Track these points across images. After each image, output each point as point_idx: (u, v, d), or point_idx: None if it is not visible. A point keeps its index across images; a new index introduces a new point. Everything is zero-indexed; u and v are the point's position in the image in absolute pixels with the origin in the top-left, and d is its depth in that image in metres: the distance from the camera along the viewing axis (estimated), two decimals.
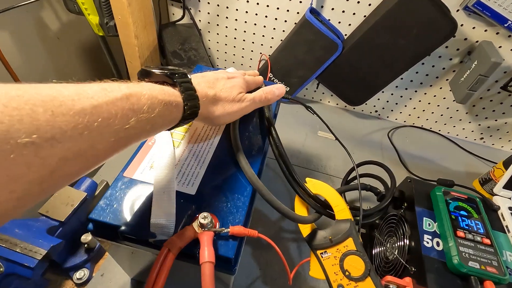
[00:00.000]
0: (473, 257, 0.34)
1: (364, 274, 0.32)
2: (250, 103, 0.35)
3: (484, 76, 0.56)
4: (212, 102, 0.31)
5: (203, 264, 0.25)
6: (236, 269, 0.29)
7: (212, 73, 0.35)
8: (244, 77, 0.37)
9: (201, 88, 0.30)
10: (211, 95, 0.31)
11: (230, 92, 0.33)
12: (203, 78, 0.33)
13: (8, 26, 0.66)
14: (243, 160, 0.34)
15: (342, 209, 0.36)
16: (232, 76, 0.36)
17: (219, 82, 0.33)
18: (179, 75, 0.28)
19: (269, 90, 0.38)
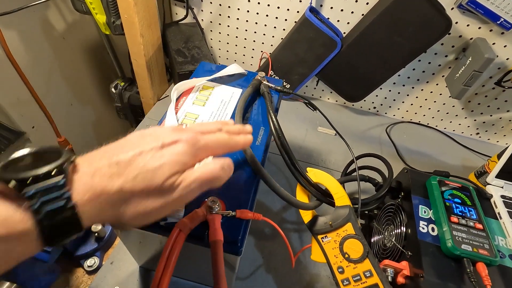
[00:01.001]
0: (466, 241, 0.36)
1: (363, 256, 0.34)
2: (188, 191, 0.23)
3: (478, 72, 0.58)
4: (117, 200, 0.20)
5: (212, 242, 0.26)
6: (242, 251, 0.31)
7: (130, 139, 0.23)
8: (197, 138, 0.24)
9: (95, 182, 0.20)
10: (114, 190, 0.20)
11: (151, 178, 0.21)
12: (106, 153, 0.21)
13: (16, 25, 0.68)
14: (248, 149, 0.36)
15: (341, 196, 0.37)
16: (172, 139, 0.23)
17: (138, 159, 0.21)
18: (42, 176, 0.18)
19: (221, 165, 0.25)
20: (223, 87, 0.46)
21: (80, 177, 0.20)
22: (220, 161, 0.25)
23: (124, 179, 0.21)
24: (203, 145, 0.24)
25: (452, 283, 0.34)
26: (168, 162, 0.22)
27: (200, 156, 0.25)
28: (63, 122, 0.87)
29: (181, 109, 0.41)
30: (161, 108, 0.73)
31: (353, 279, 0.34)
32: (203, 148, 0.24)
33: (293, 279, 0.47)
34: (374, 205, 0.45)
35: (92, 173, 0.20)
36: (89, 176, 0.20)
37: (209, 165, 0.24)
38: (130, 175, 0.21)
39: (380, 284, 0.32)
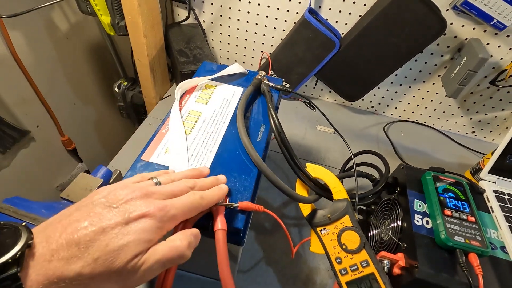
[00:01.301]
0: (458, 233, 0.38)
1: (360, 247, 0.35)
2: (149, 272, 0.22)
3: (473, 71, 0.60)
4: (75, 285, 0.19)
5: (217, 231, 0.28)
6: (244, 241, 0.33)
7: (95, 206, 0.22)
8: (166, 208, 0.23)
9: (51, 267, 0.19)
10: (72, 275, 0.19)
11: (113, 261, 0.20)
12: (65, 229, 0.20)
13: (21, 26, 0.70)
14: (249, 145, 0.37)
15: (339, 190, 0.39)
16: (139, 212, 0.22)
17: (100, 239, 0.20)
18: None
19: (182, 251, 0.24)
20: (225, 86, 0.48)
21: (36, 263, 0.18)
22: (187, 237, 0.24)
23: (83, 263, 0.19)
24: (171, 216, 0.23)
25: (445, 273, 0.36)
26: (133, 242, 0.21)
27: (168, 227, 0.24)
28: (66, 121, 0.89)
29: (184, 106, 0.43)
30: (163, 107, 0.75)
31: (350, 269, 0.35)
32: (171, 219, 0.23)
33: (292, 271, 0.49)
34: (371, 199, 0.46)
35: (49, 256, 0.19)
36: (46, 260, 0.19)
37: (175, 243, 0.23)
38: (89, 258, 0.19)
39: (376, 273, 0.34)
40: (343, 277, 0.35)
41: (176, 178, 0.28)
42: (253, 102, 0.46)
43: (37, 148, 0.83)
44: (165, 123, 0.40)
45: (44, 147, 0.85)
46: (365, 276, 0.34)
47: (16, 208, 0.37)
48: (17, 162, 0.78)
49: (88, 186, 0.44)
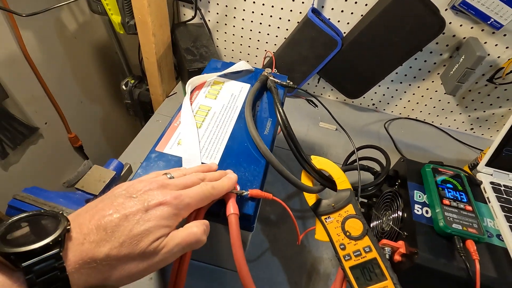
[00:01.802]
0: (456, 220, 0.39)
1: (363, 233, 0.37)
2: (170, 255, 0.24)
3: (471, 69, 0.62)
4: (104, 265, 0.21)
5: (230, 215, 0.30)
6: (253, 227, 0.35)
7: (118, 197, 0.24)
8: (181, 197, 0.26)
9: (84, 249, 0.21)
10: (102, 256, 0.21)
11: (137, 244, 0.22)
12: (93, 217, 0.22)
13: (32, 25, 0.72)
14: (258, 137, 0.39)
15: (343, 180, 0.41)
16: (157, 200, 0.24)
17: (124, 224, 0.22)
18: (37, 250, 0.19)
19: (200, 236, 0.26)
20: (232, 82, 0.50)
21: (72, 246, 0.21)
22: (202, 225, 0.27)
23: (110, 245, 0.21)
24: (186, 204, 0.26)
25: (443, 258, 0.38)
26: (154, 227, 0.23)
27: (183, 214, 0.26)
28: (73, 119, 0.91)
29: (194, 101, 0.45)
30: (169, 104, 0.77)
31: (353, 254, 0.37)
32: (186, 206, 0.26)
33: (297, 261, 0.51)
34: (372, 190, 0.48)
35: (82, 240, 0.21)
36: (80, 243, 0.21)
37: (192, 229, 0.26)
38: (116, 242, 0.22)
39: (378, 258, 0.36)
40: (347, 262, 0.37)
41: (188, 173, 0.31)
42: (259, 98, 0.48)
43: (45, 145, 0.85)
44: (176, 116, 0.42)
45: (51, 144, 0.87)
46: (368, 261, 0.36)
47: (36, 197, 0.39)
48: (26, 158, 0.80)
49: (102, 178, 0.46)
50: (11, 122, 0.71)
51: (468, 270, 0.36)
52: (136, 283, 0.44)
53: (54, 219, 0.21)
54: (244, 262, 0.28)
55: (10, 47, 0.68)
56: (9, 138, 0.72)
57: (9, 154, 0.73)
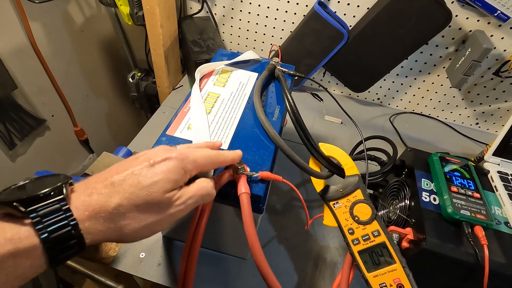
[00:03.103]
0: (464, 207, 0.40)
1: (371, 218, 0.37)
2: (184, 206, 0.25)
3: (477, 62, 0.62)
4: (116, 216, 0.22)
5: (241, 194, 0.30)
6: (263, 209, 0.35)
7: (123, 162, 0.25)
8: (186, 153, 0.26)
9: (93, 200, 0.21)
10: (112, 206, 0.22)
11: (148, 195, 0.23)
12: (100, 177, 0.23)
13: (41, 18, 0.72)
14: (267, 122, 0.39)
15: (351, 166, 0.41)
16: (162, 157, 0.25)
17: (132, 178, 0.23)
18: (41, 196, 0.20)
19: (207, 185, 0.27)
20: (240, 71, 0.50)
21: (78, 196, 0.21)
22: (211, 182, 0.28)
23: (120, 196, 0.22)
24: (192, 160, 0.26)
25: (451, 244, 0.38)
26: (161, 180, 0.23)
27: (191, 171, 0.26)
28: (80, 112, 0.92)
29: (203, 89, 0.45)
30: (176, 96, 0.77)
31: (362, 239, 0.37)
32: (192, 163, 0.26)
33: (303, 249, 0.51)
34: (380, 178, 0.48)
35: (89, 193, 0.22)
36: (87, 195, 0.21)
37: (203, 183, 0.27)
38: (126, 193, 0.22)
39: (387, 241, 0.36)
40: (355, 246, 0.37)
41: (192, 146, 0.31)
42: (267, 86, 0.49)
43: (51, 137, 0.85)
44: (186, 102, 0.42)
45: (58, 137, 0.88)
46: (377, 245, 0.36)
47: None
48: (33, 150, 0.80)
49: (111, 164, 0.46)
50: (19, 113, 0.72)
51: (476, 255, 0.37)
52: (144, 268, 0.45)
53: (55, 177, 0.22)
54: (256, 238, 0.28)
55: (19, 37, 0.68)
56: (17, 129, 0.73)
57: (17, 145, 0.74)
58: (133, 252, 0.46)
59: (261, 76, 0.47)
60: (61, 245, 0.20)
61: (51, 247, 0.19)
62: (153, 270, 0.45)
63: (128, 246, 0.47)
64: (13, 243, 0.18)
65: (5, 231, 0.19)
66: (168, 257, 0.47)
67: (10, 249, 0.18)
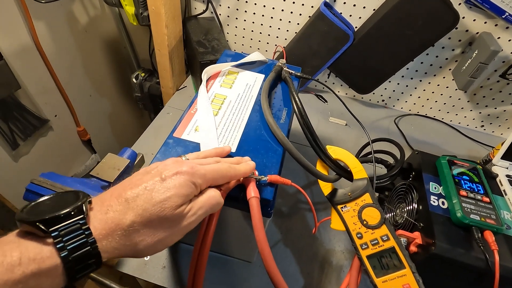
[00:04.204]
0: (474, 211, 0.39)
1: (380, 222, 0.37)
2: (195, 218, 0.25)
3: (484, 64, 0.61)
4: (131, 233, 0.22)
5: (250, 199, 0.30)
6: (272, 213, 0.34)
7: (136, 176, 0.25)
8: (196, 168, 0.26)
9: (109, 218, 0.22)
10: (128, 224, 0.22)
11: (161, 210, 0.23)
12: (114, 192, 0.24)
13: (45, 17, 0.72)
14: (275, 125, 0.39)
15: (359, 170, 0.41)
16: (173, 171, 0.25)
17: (145, 194, 0.23)
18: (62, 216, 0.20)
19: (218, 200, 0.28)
20: (247, 73, 0.50)
21: (95, 215, 0.22)
22: (217, 191, 0.28)
23: (134, 213, 0.22)
24: (202, 175, 0.26)
25: (461, 248, 0.37)
26: (174, 195, 0.24)
27: (201, 185, 0.26)
28: (82, 112, 0.91)
29: (210, 90, 0.45)
30: (180, 97, 0.77)
31: (371, 243, 0.37)
32: (202, 177, 0.26)
33: (309, 253, 0.50)
34: (387, 182, 0.48)
35: (105, 210, 0.22)
36: (103, 213, 0.22)
37: (210, 193, 0.27)
38: (139, 209, 0.22)
39: (397, 247, 0.35)
40: (364, 251, 0.37)
41: (201, 155, 0.31)
42: (274, 88, 0.48)
43: (54, 137, 0.85)
44: (193, 104, 0.42)
45: (61, 137, 0.87)
46: (386, 250, 0.36)
47: (53, 181, 0.39)
48: (36, 150, 0.80)
49: (116, 166, 0.46)
50: (22, 113, 0.72)
51: (486, 260, 0.36)
52: (149, 271, 0.44)
53: (74, 194, 0.23)
54: (266, 243, 0.28)
55: (23, 37, 0.68)
56: (20, 129, 0.72)
57: (20, 145, 0.74)
58: None
59: (268, 77, 0.47)
60: (80, 264, 0.20)
61: (71, 266, 0.20)
62: (158, 273, 0.45)
63: None
64: (36, 263, 0.19)
65: (28, 251, 0.19)
66: (173, 260, 0.46)
67: (33, 269, 0.18)
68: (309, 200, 0.37)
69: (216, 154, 0.32)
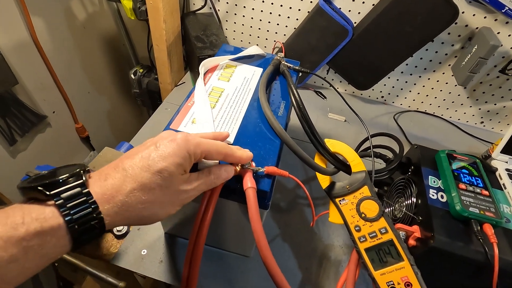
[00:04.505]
0: (473, 204, 0.39)
1: (378, 215, 0.37)
2: (195, 191, 0.27)
3: (484, 59, 0.61)
4: (133, 200, 0.23)
5: (247, 189, 0.29)
6: (269, 204, 0.34)
7: (132, 149, 0.26)
8: (190, 135, 0.26)
9: (108, 184, 0.22)
10: (128, 190, 0.22)
11: (159, 177, 0.24)
12: (111, 164, 0.24)
13: (42, 13, 0.72)
14: (272, 117, 0.39)
15: (357, 163, 0.40)
16: (167, 139, 0.25)
17: (142, 162, 0.23)
18: (61, 181, 0.21)
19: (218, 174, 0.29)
20: (245, 66, 0.49)
21: (94, 181, 0.22)
22: (222, 166, 0.29)
23: (133, 180, 0.23)
24: (197, 143, 0.26)
25: (460, 241, 0.37)
26: (170, 164, 0.24)
27: (195, 154, 0.26)
28: (81, 109, 0.91)
29: (207, 83, 0.44)
30: (178, 93, 0.77)
31: (369, 236, 0.36)
32: (196, 145, 0.26)
33: (308, 248, 0.50)
34: (386, 175, 0.48)
35: (104, 178, 0.23)
36: (102, 180, 0.23)
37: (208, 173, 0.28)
38: (138, 177, 0.23)
39: (395, 239, 0.35)
40: (362, 244, 0.37)
41: (198, 136, 0.31)
42: (272, 81, 0.48)
43: (52, 134, 0.85)
44: (190, 97, 0.42)
45: (59, 133, 0.87)
46: (384, 243, 0.36)
47: None
48: (33, 146, 0.80)
49: (113, 159, 0.45)
50: (20, 109, 0.71)
51: (486, 253, 0.36)
52: (146, 265, 0.44)
53: (71, 166, 0.23)
54: (263, 234, 0.27)
55: (21, 33, 0.68)
56: (17, 125, 0.72)
57: (18, 141, 0.74)
58: (134, 249, 0.46)
59: (266, 71, 0.46)
60: (84, 226, 0.21)
61: (74, 227, 0.20)
62: (155, 267, 0.44)
63: (130, 243, 0.46)
64: (39, 222, 0.19)
65: (30, 212, 0.20)
66: (170, 254, 0.46)
67: (36, 227, 0.19)
68: (307, 193, 0.37)
69: (214, 138, 0.32)
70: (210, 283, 0.44)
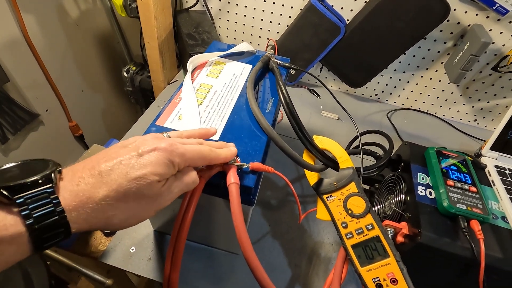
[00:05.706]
0: (461, 201, 0.39)
1: (365, 211, 0.37)
2: (171, 196, 0.25)
3: (475, 56, 0.61)
4: (104, 207, 0.21)
5: (230, 185, 0.29)
6: (254, 201, 0.34)
7: (111, 149, 0.24)
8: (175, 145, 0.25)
9: (80, 190, 0.21)
10: (100, 197, 0.21)
11: (137, 185, 0.22)
12: (87, 164, 0.23)
13: (34, 10, 0.71)
14: (259, 114, 0.39)
15: (345, 159, 0.40)
16: (151, 147, 0.24)
17: (120, 168, 0.22)
18: (29, 183, 0.20)
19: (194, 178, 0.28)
20: (234, 63, 0.49)
21: (65, 185, 0.21)
22: (194, 170, 0.28)
23: (108, 187, 0.21)
24: (181, 154, 0.25)
25: (447, 238, 0.37)
26: (149, 172, 0.23)
27: (179, 164, 0.25)
28: (74, 107, 0.90)
29: (196, 80, 0.44)
30: (171, 91, 0.76)
31: (356, 232, 0.36)
32: (180, 156, 0.25)
33: (298, 245, 0.50)
34: (375, 172, 0.47)
35: (76, 182, 0.21)
36: (75, 184, 0.21)
37: (187, 172, 0.27)
38: (114, 184, 0.22)
39: (381, 235, 0.35)
40: (349, 240, 0.36)
41: (184, 134, 0.31)
42: (262, 78, 0.48)
43: (45, 132, 0.84)
44: (177, 93, 0.41)
45: (52, 132, 0.87)
46: (370, 239, 0.36)
47: None
48: (26, 145, 0.79)
49: None
50: (12, 107, 0.71)
51: (472, 250, 0.36)
52: (134, 262, 0.44)
53: (43, 162, 0.22)
54: (244, 230, 0.27)
55: (11, 30, 0.67)
56: (9, 123, 0.72)
57: (10, 139, 0.73)
58: (123, 247, 0.45)
59: (255, 67, 0.46)
60: (47, 234, 0.20)
61: (37, 235, 0.19)
62: (144, 265, 0.44)
63: (118, 241, 0.46)
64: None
65: None
66: (159, 252, 0.46)
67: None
68: (293, 189, 0.37)
69: (200, 135, 0.32)
70: (198, 281, 0.43)
